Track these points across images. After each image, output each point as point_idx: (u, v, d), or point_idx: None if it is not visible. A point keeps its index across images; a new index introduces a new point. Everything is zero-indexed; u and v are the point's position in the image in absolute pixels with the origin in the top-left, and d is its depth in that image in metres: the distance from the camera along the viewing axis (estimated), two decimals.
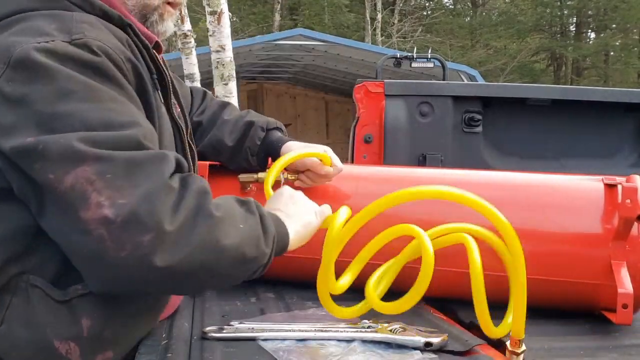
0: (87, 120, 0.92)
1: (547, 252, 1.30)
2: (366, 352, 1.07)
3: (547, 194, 1.35)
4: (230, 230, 0.99)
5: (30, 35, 0.97)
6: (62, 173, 0.89)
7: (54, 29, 0.99)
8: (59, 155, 0.90)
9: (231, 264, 1.01)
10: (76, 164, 0.89)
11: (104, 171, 0.90)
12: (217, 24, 5.09)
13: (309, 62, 12.54)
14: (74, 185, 0.89)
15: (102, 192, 0.89)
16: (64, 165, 0.89)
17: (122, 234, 0.89)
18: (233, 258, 1.00)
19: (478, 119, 2.51)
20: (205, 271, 0.97)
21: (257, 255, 1.04)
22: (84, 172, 0.89)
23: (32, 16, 1.02)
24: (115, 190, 0.89)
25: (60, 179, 0.89)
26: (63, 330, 1.00)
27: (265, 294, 1.47)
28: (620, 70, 22.75)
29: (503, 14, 24.30)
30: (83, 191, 0.89)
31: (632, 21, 21.53)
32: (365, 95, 2.53)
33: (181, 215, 0.93)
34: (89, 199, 0.88)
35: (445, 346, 1.10)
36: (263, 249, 1.05)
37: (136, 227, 0.89)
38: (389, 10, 20.20)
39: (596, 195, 1.31)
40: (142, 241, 0.89)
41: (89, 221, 0.88)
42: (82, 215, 0.89)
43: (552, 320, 1.34)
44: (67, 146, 0.90)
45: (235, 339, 1.12)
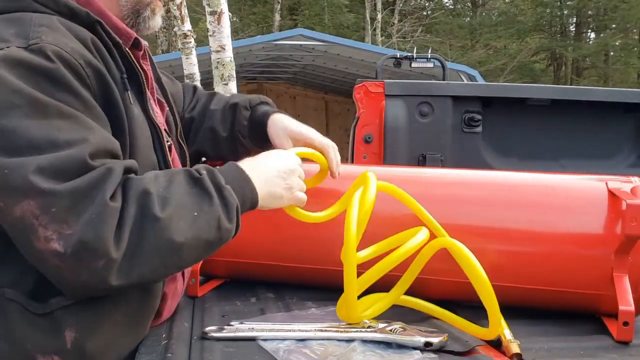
0: (32, 138, 0.90)
1: (545, 256, 1.29)
2: (366, 352, 1.07)
3: (548, 196, 1.34)
4: (181, 226, 0.97)
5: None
6: (10, 203, 0.89)
7: (11, 34, 0.97)
8: (4, 184, 0.88)
9: (195, 253, 1.02)
10: (21, 198, 0.88)
11: (48, 206, 0.89)
12: (217, 24, 5.09)
13: (309, 62, 12.53)
14: (23, 217, 0.89)
15: (48, 227, 0.88)
16: (11, 196, 0.89)
17: (75, 263, 0.90)
18: (195, 248, 1.00)
19: (478, 119, 2.51)
20: (173, 267, 1.00)
21: (220, 236, 1.04)
22: (29, 206, 0.88)
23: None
24: (60, 223, 0.89)
25: (10, 209, 0.89)
26: (45, 344, 0.99)
27: (265, 294, 1.47)
28: (620, 70, 22.74)
29: (503, 14, 24.30)
30: (31, 224, 0.89)
31: (632, 21, 21.52)
32: (365, 95, 2.52)
33: (126, 232, 0.93)
34: (37, 232, 0.89)
35: (445, 346, 1.10)
36: (226, 227, 1.04)
37: (87, 255, 0.90)
38: (388, 10, 20.20)
39: (599, 199, 1.29)
40: (97, 267, 0.91)
41: (43, 252, 0.90)
42: (36, 245, 0.90)
43: (553, 321, 1.34)
44: (11, 178, 0.88)
45: (235, 339, 1.12)
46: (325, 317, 1.24)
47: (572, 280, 1.27)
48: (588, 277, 1.26)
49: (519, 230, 1.30)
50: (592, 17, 23.75)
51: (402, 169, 1.68)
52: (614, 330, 1.22)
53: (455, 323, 1.24)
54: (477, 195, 1.35)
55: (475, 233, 1.31)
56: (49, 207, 0.88)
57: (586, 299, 1.28)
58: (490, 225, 1.32)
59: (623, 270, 1.22)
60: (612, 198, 1.26)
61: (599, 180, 1.32)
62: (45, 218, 0.88)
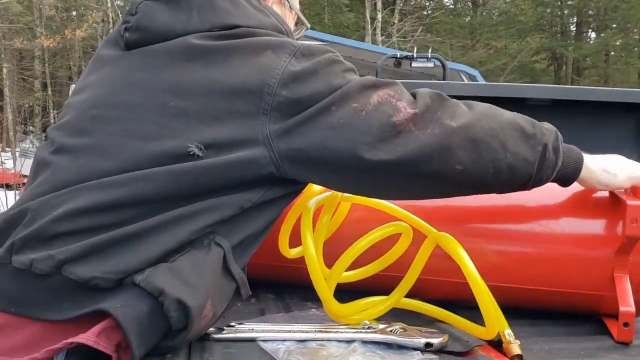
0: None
1: (546, 257, 1.29)
2: (366, 352, 1.06)
3: (548, 196, 1.34)
4: (499, 110, 1.17)
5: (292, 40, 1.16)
6: (369, 96, 1.07)
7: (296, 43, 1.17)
8: (361, 88, 1.08)
9: (514, 135, 1.11)
10: (376, 89, 1.09)
11: (394, 88, 1.10)
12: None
13: None
14: (381, 100, 1.07)
15: (402, 99, 1.08)
16: (367, 92, 1.08)
17: (425, 117, 1.07)
18: (513, 129, 1.12)
19: None
20: (495, 138, 1.09)
21: (535, 132, 1.13)
22: (384, 92, 1.09)
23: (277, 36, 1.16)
24: (406, 98, 1.09)
25: (368, 101, 1.07)
26: (217, 300, 1.07)
27: (265, 295, 1.47)
28: (620, 70, 22.76)
29: (503, 14, 24.32)
30: (389, 102, 1.07)
31: (632, 21, 21.53)
32: None
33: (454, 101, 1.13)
34: (397, 107, 1.07)
35: (446, 347, 1.10)
36: (541, 129, 1.15)
37: (430, 111, 1.08)
38: (389, 9, 20.20)
39: (600, 200, 1.28)
40: (438, 117, 1.08)
41: (401, 122, 1.06)
42: (394, 119, 1.06)
43: (553, 321, 1.34)
44: (364, 81, 1.10)
45: (235, 340, 1.12)
46: (325, 318, 1.24)
47: (573, 280, 1.27)
48: (589, 277, 1.26)
49: (519, 230, 1.30)
50: (592, 17, 23.76)
51: None
52: (614, 331, 1.21)
53: (455, 322, 1.24)
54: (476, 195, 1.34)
55: (475, 234, 1.30)
56: (397, 90, 1.10)
57: (587, 300, 1.28)
58: (490, 226, 1.32)
59: (624, 271, 1.22)
60: (613, 198, 1.26)
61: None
62: (399, 95, 1.09)
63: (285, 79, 1.07)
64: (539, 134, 1.13)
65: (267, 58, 1.08)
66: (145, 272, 0.98)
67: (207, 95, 1.06)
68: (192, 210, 1.03)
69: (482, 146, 1.09)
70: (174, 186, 1.02)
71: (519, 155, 1.11)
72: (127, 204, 1.01)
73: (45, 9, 22.07)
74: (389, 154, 1.05)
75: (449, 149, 1.07)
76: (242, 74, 1.07)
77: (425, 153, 1.06)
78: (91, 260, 0.98)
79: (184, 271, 1.00)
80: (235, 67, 1.07)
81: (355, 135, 1.05)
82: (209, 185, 1.04)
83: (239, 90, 1.06)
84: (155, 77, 1.09)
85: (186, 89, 1.07)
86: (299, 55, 1.10)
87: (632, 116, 2.55)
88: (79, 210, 1.00)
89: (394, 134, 1.05)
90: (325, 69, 1.10)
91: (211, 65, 1.08)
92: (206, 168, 1.03)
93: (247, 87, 1.06)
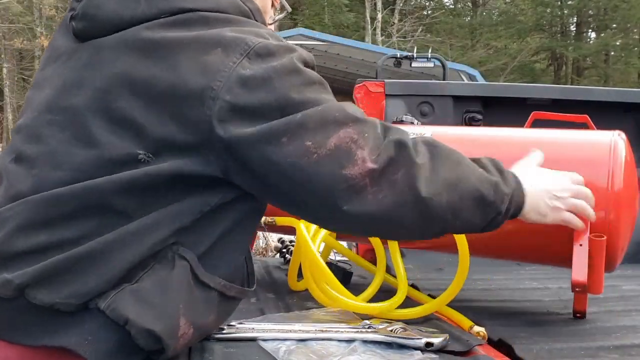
0: (331, 101, 1.01)
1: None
2: (367, 352, 1.06)
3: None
4: (467, 171, 1.05)
5: (252, 35, 1.01)
6: (327, 136, 0.96)
7: (266, 34, 1.03)
8: (321, 121, 0.97)
9: (470, 204, 1.05)
10: (338, 127, 0.97)
11: (363, 130, 0.99)
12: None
13: None
14: (339, 145, 0.96)
15: (364, 148, 0.97)
16: (327, 129, 0.97)
17: (382, 177, 0.97)
18: (471, 199, 1.04)
19: (478, 118, 2.51)
20: (450, 207, 1.02)
21: (494, 200, 1.07)
22: (347, 133, 0.97)
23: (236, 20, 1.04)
24: (373, 145, 0.98)
25: (324, 142, 0.96)
26: (193, 313, 0.99)
27: (265, 294, 1.47)
28: (620, 70, 22.75)
29: (503, 14, 24.31)
30: (348, 149, 0.96)
31: (632, 21, 21.53)
32: (365, 95, 2.52)
33: (422, 147, 1.03)
34: (354, 156, 0.96)
35: (446, 346, 1.10)
36: (503, 190, 1.08)
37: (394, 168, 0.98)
38: (389, 9, 20.20)
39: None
40: (398, 178, 0.98)
41: (354, 176, 0.96)
42: (347, 171, 0.96)
43: (553, 322, 1.34)
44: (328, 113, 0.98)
45: (235, 339, 1.12)
46: (325, 318, 1.24)
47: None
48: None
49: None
50: (592, 17, 23.76)
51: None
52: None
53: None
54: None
55: None
56: (363, 132, 0.99)
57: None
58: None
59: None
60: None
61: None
62: (362, 141, 0.98)
63: (232, 82, 0.96)
64: (497, 201, 1.08)
65: (215, 57, 0.98)
66: (109, 297, 0.93)
67: (150, 96, 0.97)
68: (149, 221, 0.96)
69: (435, 221, 1.03)
70: (126, 196, 0.95)
71: (468, 222, 1.07)
72: (80, 218, 0.95)
73: (45, 9, 22.04)
74: (329, 211, 0.98)
75: (399, 222, 1.01)
76: (186, 74, 0.97)
77: (372, 219, 0.99)
78: (51, 283, 0.92)
79: (149, 293, 0.95)
80: (180, 67, 0.97)
81: (300, 181, 0.96)
82: (162, 192, 0.97)
83: (182, 93, 0.96)
84: (100, 76, 1.00)
85: (130, 89, 0.98)
86: (252, 56, 0.98)
87: (632, 116, 2.55)
88: (30, 226, 0.94)
89: (343, 189, 0.96)
90: (281, 78, 0.98)
91: (156, 63, 0.98)
92: (157, 174, 0.96)
93: (190, 90, 0.96)
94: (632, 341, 1.19)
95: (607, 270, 1.26)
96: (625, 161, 1.29)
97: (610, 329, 1.27)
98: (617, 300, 1.52)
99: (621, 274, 1.43)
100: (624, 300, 1.55)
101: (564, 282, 1.35)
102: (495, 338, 1.19)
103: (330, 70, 12.64)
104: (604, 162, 1.28)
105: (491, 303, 1.52)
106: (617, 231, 1.26)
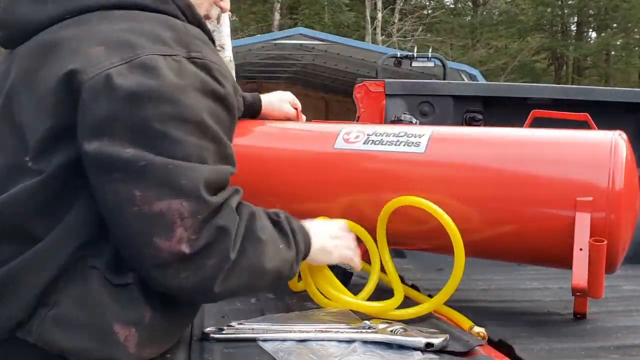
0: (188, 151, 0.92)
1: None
2: (367, 352, 1.06)
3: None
4: (272, 254, 1.06)
5: (149, 40, 0.94)
6: (155, 197, 0.90)
7: (170, 39, 0.96)
8: (161, 179, 0.90)
9: (270, 283, 1.10)
10: (174, 197, 0.90)
11: (197, 211, 0.92)
12: (217, 23, 5.07)
13: (309, 61, 12.53)
14: (164, 214, 0.90)
15: (187, 229, 0.91)
16: (162, 191, 0.90)
17: (191, 265, 0.93)
18: (273, 279, 1.08)
19: (479, 118, 2.51)
20: (250, 290, 1.10)
21: (289, 275, 1.14)
22: (180, 206, 0.90)
23: (142, 17, 0.98)
24: (199, 228, 0.92)
25: (150, 201, 0.90)
26: (125, 314, 0.96)
27: (265, 295, 1.47)
28: (621, 69, 22.74)
29: (504, 14, 24.28)
30: (171, 223, 0.90)
31: (633, 20, 21.50)
32: (365, 95, 2.52)
33: (238, 242, 0.98)
34: (174, 232, 0.90)
35: (446, 347, 1.10)
36: (295, 269, 1.14)
37: (205, 258, 0.94)
38: (389, 9, 20.18)
39: None
40: (206, 271, 0.95)
41: (164, 250, 0.91)
42: (160, 243, 0.91)
43: (553, 322, 1.34)
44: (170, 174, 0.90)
45: (235, 340, 1.12)
46: (325, 318, 1.24)
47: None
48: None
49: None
50: (593, 17, 23.74)
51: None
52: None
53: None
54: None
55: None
56: (197, 213, 0.92)
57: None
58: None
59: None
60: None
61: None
62: (189, 221, 0.91)
63: (95, 82, 0.89)
64: (291, 275, 1.15)
65: (96, 51, 0.92)
66: (33, 326, 0.91)
67: (37, 96, 0.94)
68: (52, 241, 0.93)
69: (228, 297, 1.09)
70: (31, 214, 0.92)
71: (260, 291, 1.18)
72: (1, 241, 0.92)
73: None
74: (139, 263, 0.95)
75: (192, 297, 1.03)
76: (64, 65, 0.91)
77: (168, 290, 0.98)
78: None
79: (72, 314, 0.93)
80: (61, 60, 0.93)
81: (116, 222, 0.93)
82: (53, 201, 0.93)
83: (55, 85, 0.91)
84: (9, 84, 0.99)
85: (25, 92, 0.95)
86: (135, 66, 0.90)
87: (632, 116, 2.54)
88: None
89: (149, 255, 0.92)
90: (151, 101, 0.89)
91: (46, 62, 0.95)
92: (44, 182, 0.92)
93: (61, 80, 0.91)
94: (632, 341, 1.19)
95: (608, 271, 1.25)
96: (626, 161, 1.28)
97: (611, 329, 1.27)
98: (618, 301, 1.52)
99: (621, 274, 1.42)
100: (625, 300, 1.55)
101: (565, 282, 1.35)
102: (496, 338, 1.19)
103: (330, 69, 12.65)
104: (605, 162, 1.27)
105: (491, 303, 1.52)
106: (617, 232, 1.25)
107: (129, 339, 0.96)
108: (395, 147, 1.43)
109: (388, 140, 1.44)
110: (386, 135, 1.46)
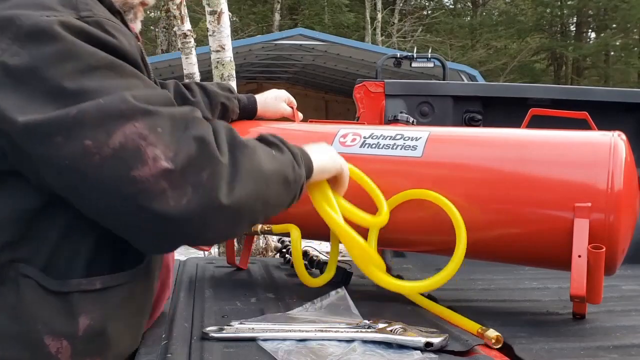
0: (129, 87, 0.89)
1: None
2: (366, 352, 1.06)
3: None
4: (264, 158, 1.02)
5: (31, 8, 0.89)
6: (108, 133, 0.84)
7: (56, 3, 0.91)
8: (101, 114, 0.84)
9: (277, 189, 1.04)
10: (123, 122, 0.85)
11: (155, 125, 0.87)
12: (217, 23, 5.08)
13: (309, 61, 12.54)
14: (125, 143, 0.84)
15: (157, 145, 0.85)
16: (111, 124, 0.84)
17: (183, 179, 0.87)
18: (277, 183, 1.04)
19: (478, 118, 2.51)
20: (261, 200, 1.00)
21: (295, 177, 1.09)
22: (134, 128, 0.85)
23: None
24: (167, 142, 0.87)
25: (105, 142, 0.84)
26: (57, 326, 0.94)
27: (265, 294, 1.47)
28: (620, 70, 22.76)
29: (503, 14, 24.31)
30: (137, 147, 0.84)
31: (632, 21, 21.52)
32: (365, 95, 2.52)
33: (224, 146, 0.94)
34: (144, 154, 0.84)
35: (446, 346, 1.10)
36: (298, 171, 1.11)
37: (195, 167, 0.88)
38: (389, 10, 20.20)
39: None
40: (203, 179, 0.88)
41: (148, 179, 0.84)
42: (138, 174, 0.84)
43: (553, 321, 1.34)
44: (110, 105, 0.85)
45: (235, 339, 1.12)
46: (325, 318, 1.24)
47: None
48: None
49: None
50: (592, 17, 23.76)
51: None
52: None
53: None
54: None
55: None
56: (155, 126, 0.86)
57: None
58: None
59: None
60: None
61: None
62: (153, 137, 0.85)
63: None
64: (298, 177, 1.10)
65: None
66: None
67: None
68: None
69: (246, 215, 0.98)
70: None
71: (277, 206, 1.08)
72: None
73: None
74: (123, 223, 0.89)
75: (205, 224, 0.92)
76: None
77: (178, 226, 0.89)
78: None
79: (3, 324, 0.91)
80: None
81: (83, 190, 0.87)
82: None
83: None
84: None
85: None
86: (23, 39, 0.85)
87: (632, 116, 2.55)
88: None
89: (133, 193, 0.85)
90: (53, 66, 0.85)
91: None
92: None
93: None
94: (632, 341, 1.19)
95: (608, 273, 1.25)
96: (625, 162, 1.28)
97: (610, 329, 1.27)
98: (617, 301, 1.52)
99: (621, 274, 1.42)
100: (624, 300, 1.55)
101: (564, 282, 1.35)
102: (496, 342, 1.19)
103: (330, 70, 12.65)
104: (604, 162, 1.27)
105: (491, 303, 1.52)
106: (617, 234, 1.25)
107: (60, 351, 0.94)
108: (392, 150, 1.43)
109: (385, 143, 1.44)
110: (383, 139, 1.46)
